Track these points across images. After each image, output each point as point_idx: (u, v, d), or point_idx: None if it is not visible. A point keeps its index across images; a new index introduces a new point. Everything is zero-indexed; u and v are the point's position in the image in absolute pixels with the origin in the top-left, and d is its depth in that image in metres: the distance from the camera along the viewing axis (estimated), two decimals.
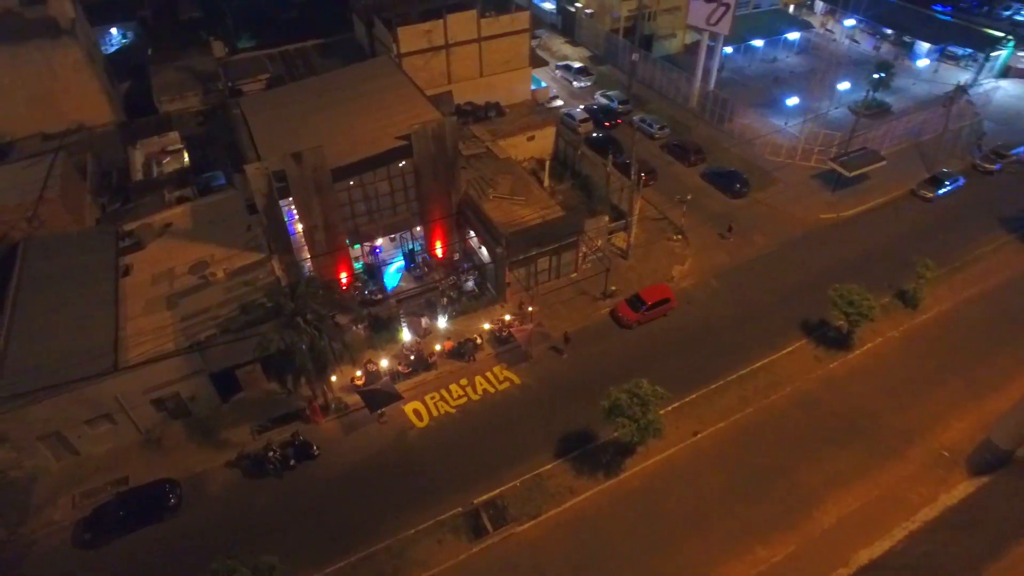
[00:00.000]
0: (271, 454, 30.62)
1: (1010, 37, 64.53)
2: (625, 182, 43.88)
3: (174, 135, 49.21)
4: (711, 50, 57.44)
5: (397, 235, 40.56)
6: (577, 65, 64.89)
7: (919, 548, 25.69)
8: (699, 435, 32.52)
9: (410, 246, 41.27)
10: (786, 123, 56.18)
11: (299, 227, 36.23)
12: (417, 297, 38.91)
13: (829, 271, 40.98)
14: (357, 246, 39.28)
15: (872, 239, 44.88)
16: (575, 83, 63.18)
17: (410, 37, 45.57)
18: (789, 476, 30.65)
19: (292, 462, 30.88)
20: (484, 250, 39.20)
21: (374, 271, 40.18)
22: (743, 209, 47.48)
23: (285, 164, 32.74)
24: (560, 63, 65.91)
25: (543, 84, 57.74)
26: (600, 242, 41.37)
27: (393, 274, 40.65)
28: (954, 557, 24.96)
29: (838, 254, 43.43)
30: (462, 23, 46.59)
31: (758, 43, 67.82)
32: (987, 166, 51.57)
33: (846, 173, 47.16)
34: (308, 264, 37.52)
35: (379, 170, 36.21)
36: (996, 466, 28.85)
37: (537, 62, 56.65)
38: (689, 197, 44.02)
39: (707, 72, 58.48)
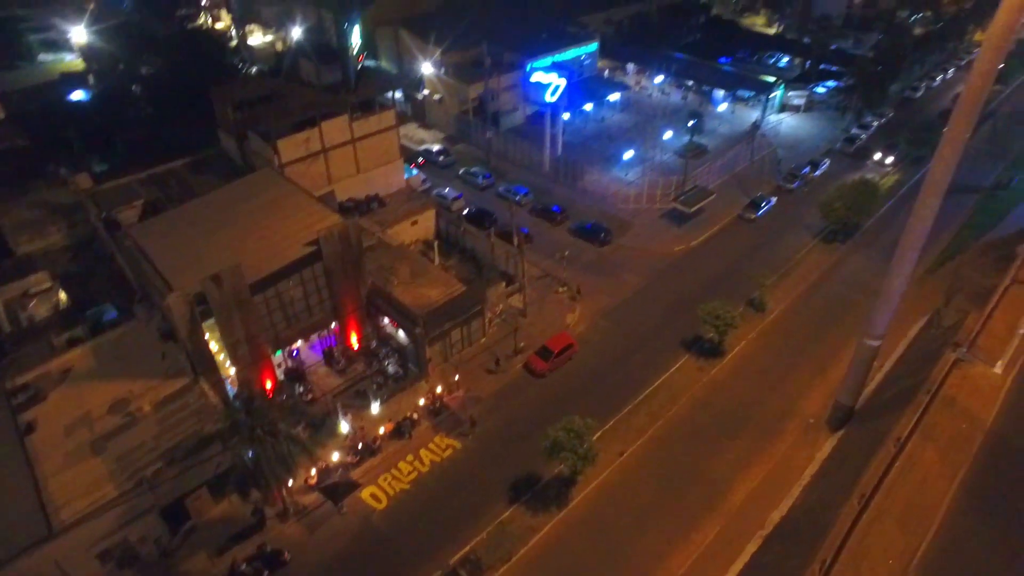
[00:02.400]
0: (243, 568, 32.36)
1: (780, 80, 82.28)
2: (509, 248, 50.99)
3: (41, 275, 48.72)
4: (553, 120, 67.63)
5: (315, 334, 43.96)
6: (436, 147, 72.42)
7: (812, 496, 33.77)
8: (624, 454, 39.10)
9: (328, 344, 44.76)
10: (627, 174, 67.27)
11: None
12: (347, 390, 42.38)
13: (692, 293, 50.59)
14: (279, 352, 42.15)
15: (718, 260, 55.62)
16: (439, 164, 70.56)
17: (290, 147, 50.12)
18: (702, 470, 38.03)
19: (265, 573, 32.78)
20: (401, 332, 43.82)
21: (297, 374, 43.09)
22: (611, 254, 56.47)
23: (205, 287, 35.60)
24: (420, 147, 73.10)
25: (415, 172, 64.28)
26: (501, 306, 47.72)
27: None
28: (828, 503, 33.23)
29: (696, 278, 53.41)
30: (336, 128, 52.09)
31: (588, 107, 79.97)
32: (788, 186, 65.62)
33: (687, 210, 58.21)
34: (231, 380, 39.78)
35: (292, 277, 39.93)
36: (846, 420, 38.32)
37: (404, 153, 63.21)
38: (567, 253, 52.08)
39: (554, 139, 68.49)
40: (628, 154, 68.67)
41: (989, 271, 50.10)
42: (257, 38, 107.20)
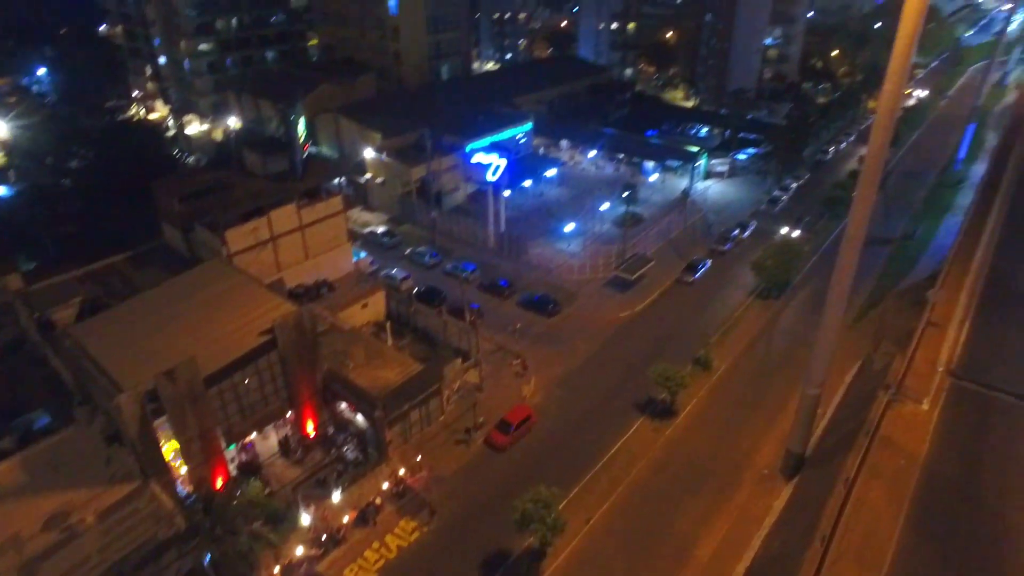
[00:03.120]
0: None
1: (704, 149, 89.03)
2: (461, 325, 52.41)
3: None
4: (495, 197, 70.88)
5: (270, 424, 43.55)
6: (381, 229, 74.28)
7: (774, 544, 35.16)
8: (591, 520, 39.78)
9: (284, 433, 44.33)
10: (569, 246, 70.58)
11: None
12: (306, 480, 41.81)
13: (641, 356, 52.87)
14: (232, 447, 41.47)
15: (663, 323, 58.48)
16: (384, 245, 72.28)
17: (239, 237, 50.90)
18: (668, 528, 39.07)
19: None
20: (360, 416, 43.95)
21: (252, 467, 42.31)
22: (560, 324, 58.59)
23: (158, 383, 35.32)
24: (365, 230, 74.82)
25: (363, 254, 65.65)
26: (458, 383, 48.61)
27: None
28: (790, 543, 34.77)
29: (643, 341, 55.87)
30: (284, 216, 53.39)
31: (527, 184, 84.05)
32: (720, 248, 70.18)
33: (629, 277, 61.42)
34: (183, 480, 38.81)
35: (247, 367, 39.97)
36: (798, 468, 40.38)
37: (352, 237, 64.80)
38: (519, 326, 53.85)
39: (497, 216, 71.53)
40: (569, 226, 72.16)
41: (907, 315, 54.59)
42: (195, 127, 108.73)
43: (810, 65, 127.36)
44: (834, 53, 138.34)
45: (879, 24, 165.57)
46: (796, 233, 71.28)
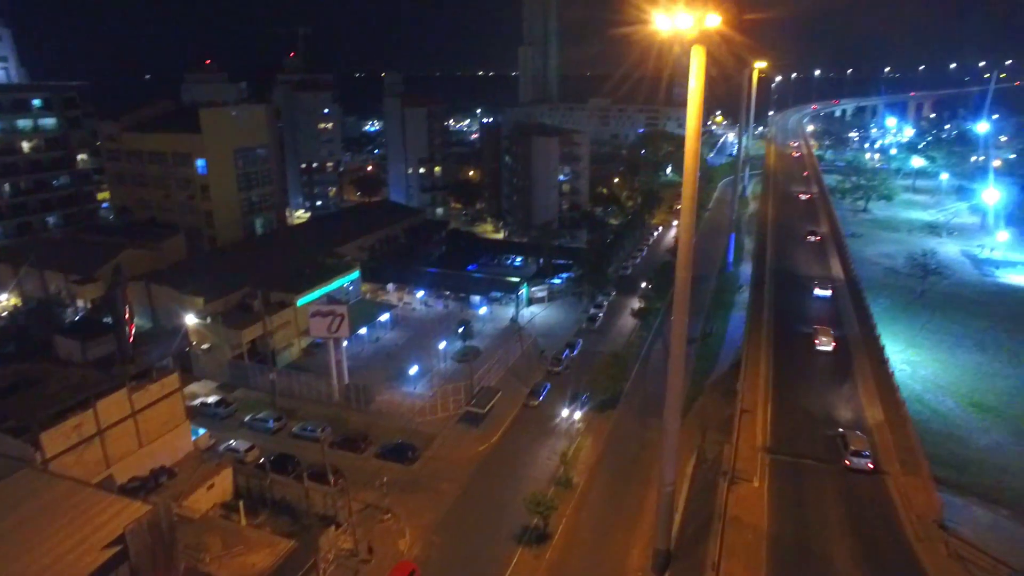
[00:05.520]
0: None
1: (523, 279, 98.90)
2: (325, 489, 52.00)
3: None
4: (335, 349, 72.23)
5: None
6: (213, 399, 71.25)
7: None
8: None
9: None
10: (416, 388, 73.40)
11: None
12: None
13: (506, 486, 56.11)
14: None
15: (519, 450, 62.59)
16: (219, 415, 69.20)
17: (57, 439, 46.60)
18: None
19: None
20: None
21: None
22: (423, 469, 60.15)
23: None
24: (194, 402, 71.12)
25: (201, 431, 62.34)
26: (333, 552, 47.69)
27: None
28: None
29: (505, 471, 59.27)
30: (113, 405, 50.01)
31: (362, 331, 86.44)
32: (555, 369, 77.46)
33: (481, 411, 65.45)
34: None
35: None
36: (667, 563, 45.38)
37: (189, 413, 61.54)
38: (386, 479, 54.64)
39: (339, 367, 72.56)
40: (413, 369, 75.30)
41: (723, 405, 64.90)
42: None
43: (597, 193, 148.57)
44: (615, 180, 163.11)
45: (644, 151, 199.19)
46: (618, 346, 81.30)
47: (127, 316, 52.34)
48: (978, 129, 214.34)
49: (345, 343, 78.39)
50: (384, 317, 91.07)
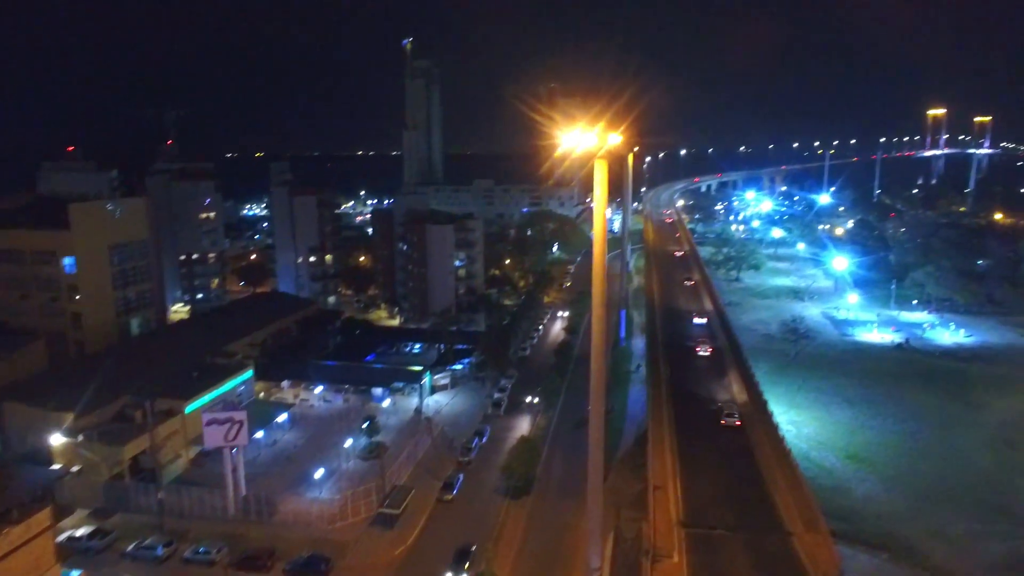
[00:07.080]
0: None
1: (425, 367, 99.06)
2: None
3: None
4: (230, 457, 68.28)
5: None
6: (83, 530, 64.21)
7: None
8: None
9: None
10: (322, 492, 70.61)
11: None
12: None
13: None
14: None
15: (438, 548, 61.27)
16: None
17: None
18: None
19: None
20: None
21: None
22: None
23: None
24: (60, 537, 64.05)
25: (76, 573, 56.16)
26: None
27: None
28: None
29: (425, 573, 57.82)
30: None
31: (259, 435, 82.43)
32: (465, 459, 77.33)
33: (395, 512, 63.97)
34: None
35: None
36: None
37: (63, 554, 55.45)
38: None
39: (236, 476, 68.49)
40: (318, 473, 72.57)
41: (633, 480, 67.69)
42: None
43: (490, 275, 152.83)
44: (507, 261, 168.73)
45: (530, 231, 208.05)
46: (525, 428, 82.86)
47: None
48: (821, 200, 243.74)
49: (238, 450, 74.73)
50: (282, 418, 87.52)
